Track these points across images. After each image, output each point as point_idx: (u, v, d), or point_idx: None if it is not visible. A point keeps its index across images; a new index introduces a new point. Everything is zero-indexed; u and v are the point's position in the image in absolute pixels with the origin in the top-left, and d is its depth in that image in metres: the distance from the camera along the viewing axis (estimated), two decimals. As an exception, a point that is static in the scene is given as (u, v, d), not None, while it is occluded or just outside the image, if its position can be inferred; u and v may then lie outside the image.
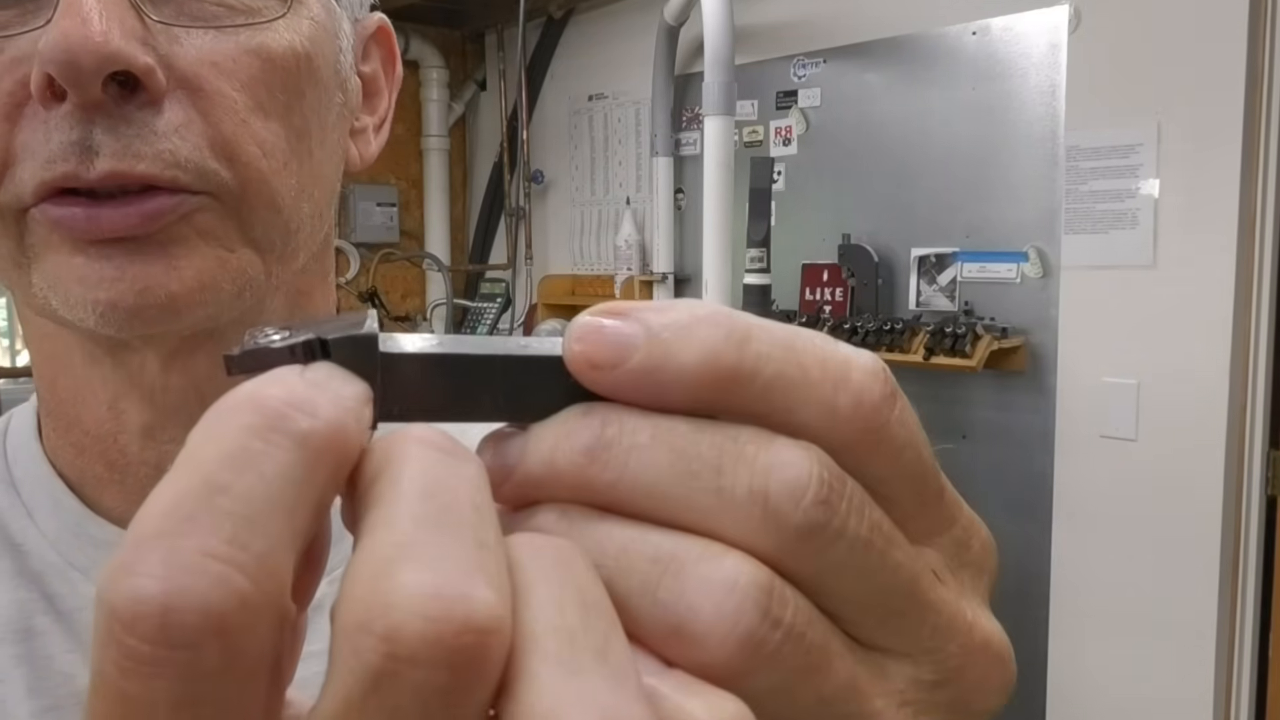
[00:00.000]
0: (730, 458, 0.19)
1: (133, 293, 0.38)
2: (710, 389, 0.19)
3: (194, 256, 0.39)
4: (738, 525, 0.19)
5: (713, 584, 0.18)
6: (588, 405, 0.20)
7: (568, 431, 0.20)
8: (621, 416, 0.20)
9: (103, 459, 0.46)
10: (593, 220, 3.65)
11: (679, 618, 0.19)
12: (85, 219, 0.38)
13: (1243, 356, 2.20)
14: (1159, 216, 2.26)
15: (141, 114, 0.38)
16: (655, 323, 0.20)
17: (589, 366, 0.20)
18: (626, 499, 0.19)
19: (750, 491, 0.19)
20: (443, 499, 0.17)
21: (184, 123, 0.38)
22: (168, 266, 0.39)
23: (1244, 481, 2.22)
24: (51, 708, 0.43)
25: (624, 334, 0.19)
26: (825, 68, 2.87)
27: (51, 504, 0.46)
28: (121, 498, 0.46)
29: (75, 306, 0.39)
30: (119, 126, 0.37)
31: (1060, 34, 2.39)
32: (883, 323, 2.59)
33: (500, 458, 0.20)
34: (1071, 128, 2.37)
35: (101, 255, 0.38)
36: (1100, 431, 2.36)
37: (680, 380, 0.19)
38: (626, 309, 0.20)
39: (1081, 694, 2.44)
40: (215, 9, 0.40)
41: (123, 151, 0.37)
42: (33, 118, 0.38)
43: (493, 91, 4.01)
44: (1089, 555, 2.41)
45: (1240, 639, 2.25)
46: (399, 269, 4.05)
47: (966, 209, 2.59)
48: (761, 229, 2.48)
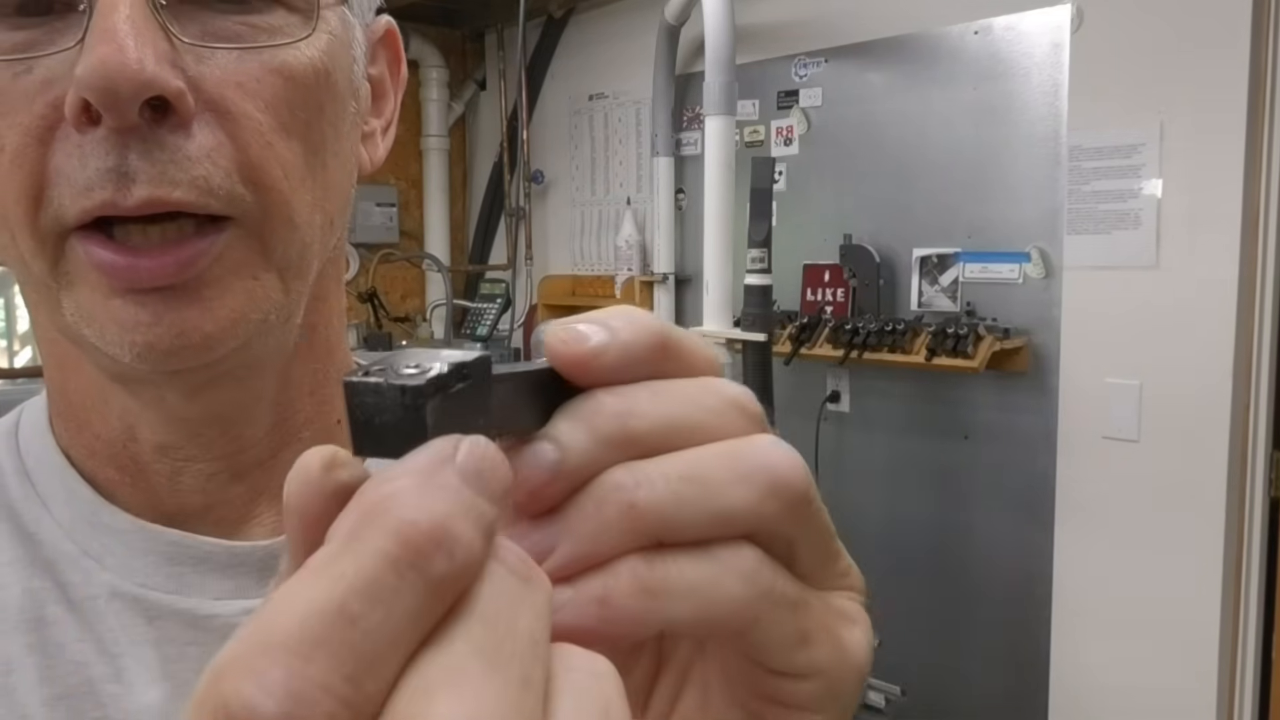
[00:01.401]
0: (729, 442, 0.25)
1: (170, 336, 0.39)
2: (658, 358, 0.25)
3: (225, 295, 0.40)
4: (746, 500, 0.24)
5: (741, 563, 0.24)
6: (582, 395, 0.24)
7: (593, 410, 0.24)
8: (618, 390, 0.24)
9: (113, 463, 0.46)
10: (593, 220, 3.64)
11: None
12: (126, 269, 0.38)
13: (1246, 357, 2.19)
14: (1162, 217, 2.25)
15: (173, 138, 0.38)
16: (609, 321, 0.24)
17: (578, 364, 0.24)
18: (661, 441, 0.24)
19: (761, 467, 0.24)
20: (504, 628, 0.19)
21: (214, 146, 0.39)
22: (203, 310, 0.40)
23: (1247, 482, 2.22)
24: (62, 695, 0.43)
25: (596, 334, 0.24)
26: (827, 67, 2.86)
27: (65, 494, 0.46)
28: (134, 498, 0.46)
29: (111, 344, 0.39)
30: (153, 151, 0.38)
31: (1063, 33, 2.38)
32: (884, 323, 2.58)
33: (539, 459, 0.23)
34: (1074, 127, 2.37)
35: (137, 302, 0.39)
36: (1103, 432, 2.35)
37: (639, 356, 0.24)
38: (580, 320, 0.24)
39: (1084, 695, 2.44)
40: (239, 27, 0.40)
41: (159, 178, 0.38)
42: (66, 140, 0.38)
43: (493, 91, 4.00)
44: (1091, 556, 2.40)
45: (1243, 640, 2.24)
46: (398, 269, 4.04)
47: (968, 209, 2.58)
48: (763, 229, 2.47)
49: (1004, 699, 2.61)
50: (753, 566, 0.24)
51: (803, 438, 2.83)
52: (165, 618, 0.44)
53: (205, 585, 0.45)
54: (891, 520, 2.80)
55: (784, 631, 0.25)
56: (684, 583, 0.23)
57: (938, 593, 2.71)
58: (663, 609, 0.23)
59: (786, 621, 0.25)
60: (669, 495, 0.23)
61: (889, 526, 2.80)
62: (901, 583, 2.73)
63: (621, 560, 0.23)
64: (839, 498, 2.88)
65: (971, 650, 2.66)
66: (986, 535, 2.61)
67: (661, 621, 0.23)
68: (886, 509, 2.81)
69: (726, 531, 0.24)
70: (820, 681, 0.26)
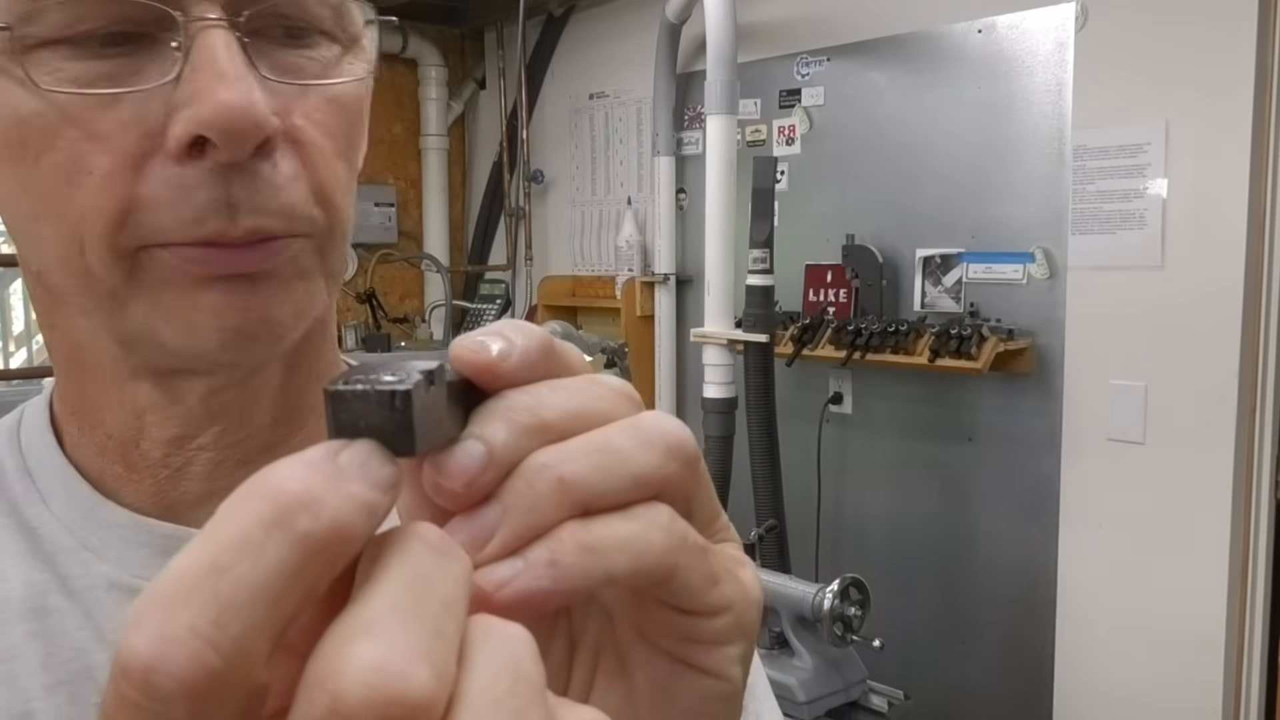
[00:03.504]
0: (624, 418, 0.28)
1: (256, 322, 0.43)
2: (547, 361, 0.28)
3: (294, 290, 0.44)
4: (650, 461, 0.27)
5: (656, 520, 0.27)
6: (494, 396, 0.27)
7: (507, 406, 0.27)
8: (524, 388, 0.27)
9: (123, 460, 0.48)
10: (593, 220, 3.63)
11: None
12: (220, 255, 0.42)
13: (1252, 359, 2.17)
14: (1167, 217, 2.24)
15: (263, 168, 0.41)
16: (504, 332, 0.28)
17: (487, 370, 0.27)
18: (569, 426, 0.27)
19: (660, 434, 0.28)
20: (419, 590, 0.22)
21: (293, 175, 0.43)
22: (280, 299, 0.44)
23: (1253, 485, 2.20)
24: (64, 681, 0.45)
25: (496, 343, 0.27)
26: (829, 66, 2.84)
27: (65, 491, 0.49)
28: (138, 495, 0.48)
29: (198, 333, 0.43)
30: (251, 182, 0.41)
31: (1067, 31, 2.36)
32: (887, 324, 2.56)
33: (469, 454, 0.26)
34: (1078, 127, 2.35)
35: (228, 289, 0.42)
36: (1107, 434, 2.34)
37: (533, 360, 0.27)
38: (480, 333, 0.27)
39: (1088, 698, 2.42)
40: (300, 60, 0.43)
41: (259, 208, 0.41)
42: (161, 169, 0.41)
43: (492, 90, 3.99)
44: (1096, 559, 2.39)
45: (1249, 643, 2.23)
46: (397, 270, 4.03)
47: (972, 209, 2.56)
48: (764, 229, 2.45)
49: (1008, 703, 2.59)
50: (668, 520, 0.27)
51: (805, 440, 2.82)
52: None
53: None
54: (894, 523, 2.78)
55: (699, 574, 0.28)
56: (617, 539, 0.26)
57: (941, 596, 2.70)
58: (604, 563, 0.26)
59: (700, 565, 0.28)
60: (590, 467, 0.26)
61: (892, 529, 2.79)
62: (905, 586, 2.71)
63: (561, 527, 0.26)
64: (841, 500, 2.87)
65: (975, 654, 2.64)
66: (990, 538, 2.60)
67: (604, 575, 0.26)
68: (889, 511, 2.79)
69: (642, 493, 0.27)
70: (731, 616, 0.30)
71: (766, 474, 2.54)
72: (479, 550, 0.25)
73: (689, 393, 3.23)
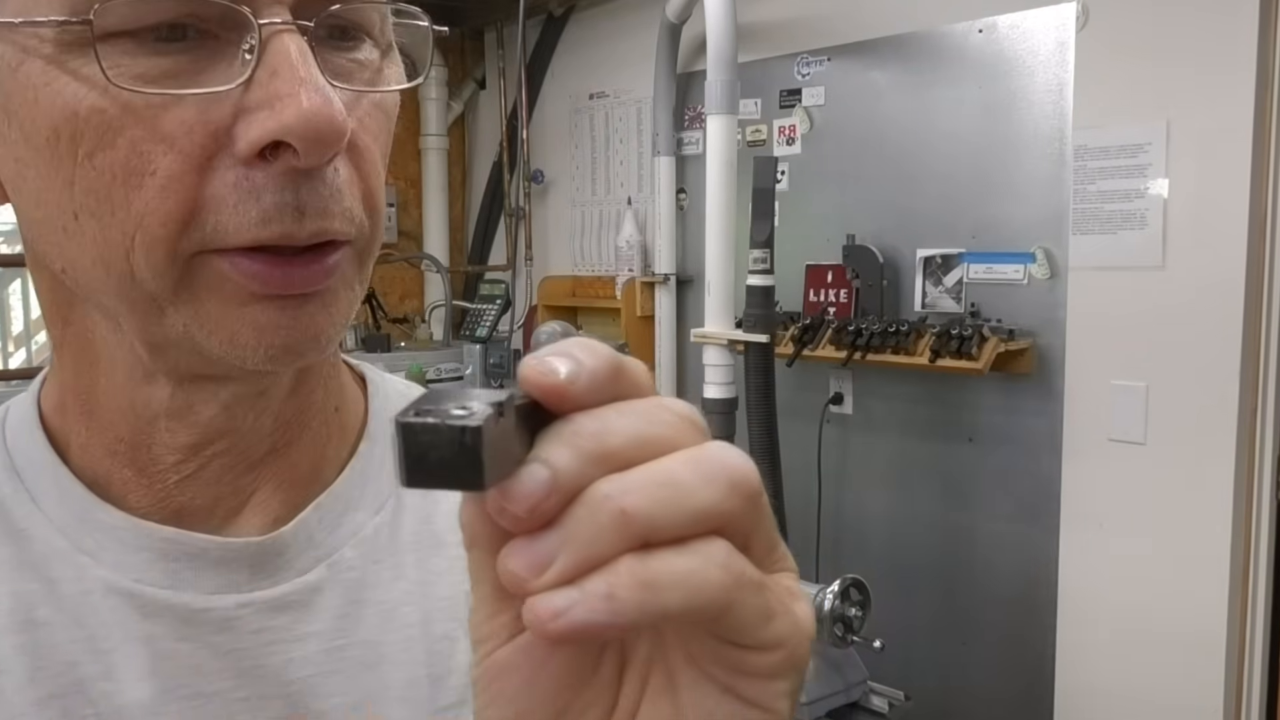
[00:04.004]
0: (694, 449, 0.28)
1: (303, 338, 0.43)
2: (616, 382, 0.28)
3: (339, 301, 0.44)
4: (713, 497, 0.28)
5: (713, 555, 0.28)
6: (561, 419, 0.27)
7: (573, 431, 0.27)
8: (591, 413, 0.27)
9: (132, 464, 0.47)
10: (594, 220, 3.62)
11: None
12: (282, 277, 0.41)
13: (1253, 359, 2.17)
14: (1168, 217, 2.23)
15: (327, 172, 0.41)
16: (573, 352, 0.28)
17: (556, 393, 0.27)
18: (634, 453, 0.27)
19: (722, 468, 0.28)
20: None
21: (349, 180, 0.42)
22: (326, 313, 0.43)
23: (1254, 486, 2.20)
24: (55, 695, 0.44)
25: (565, 365, 0.27)
26: (830, 66, 2.84)
27: (57, 491, 0.47)
28: (145, 499, 0.47)
29: (242, 349, 0.42)
30: (319, 188, 0.41)
31: (1068, 31, 2.36)
32: (888, 324, 2.56)
33: (535, 479, 0.26)
34: (1079, 126, 2.35)
35: (278, 307, 0.42)
36: (1108, 435, 2.34)
37: (602, 382, 0.28)
38: (548, 355, 0.28)
39: (1089, 699, 2.42)
40: (349, 64, 0.43)
41: (323, 211, 0.41)
42: (228, 170, 0.40)
43: (492, 90, 3.98)
44: (1097, 560, 2.38)
45: (1250, 645, 2.22)
46: (397, 270, 4.02)
47: (973, 209, 2.56)
48: (765, 229, 2.45)
49: (1009, 704, 2.59)
50: (726, 557, 0.27)
51: (805, 440, 2.81)
52: (159, 613, 0.45)
53: (199, 580, 0.46)
54: (895, 524, 2.78)
55: (753, 611, 0.28)
56: (674, 575, 0.26)
57: (942, 597, 2.69)
58: (660, 600, 0.26)
59: (755, 601, 0.28)
60: (652, 500, 0.26)
61: (892, 530, 2.78)
62: (905, 587, 2.71)
63: (619, 560, 0.26)
64: (842, 501, 2.86)
65: (976, 655, 2.64)
66: (991, 539, 2.59)
67: (659, 611, 0.26)
68: (890, 512, 2.79)
69: (701, 528, 0.27)
70: (783, 652, 0.29)
71: (767, 475, 2.52)
72: (537, 576, 0.26)
73: (689, 393, 3.23)
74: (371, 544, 0.50)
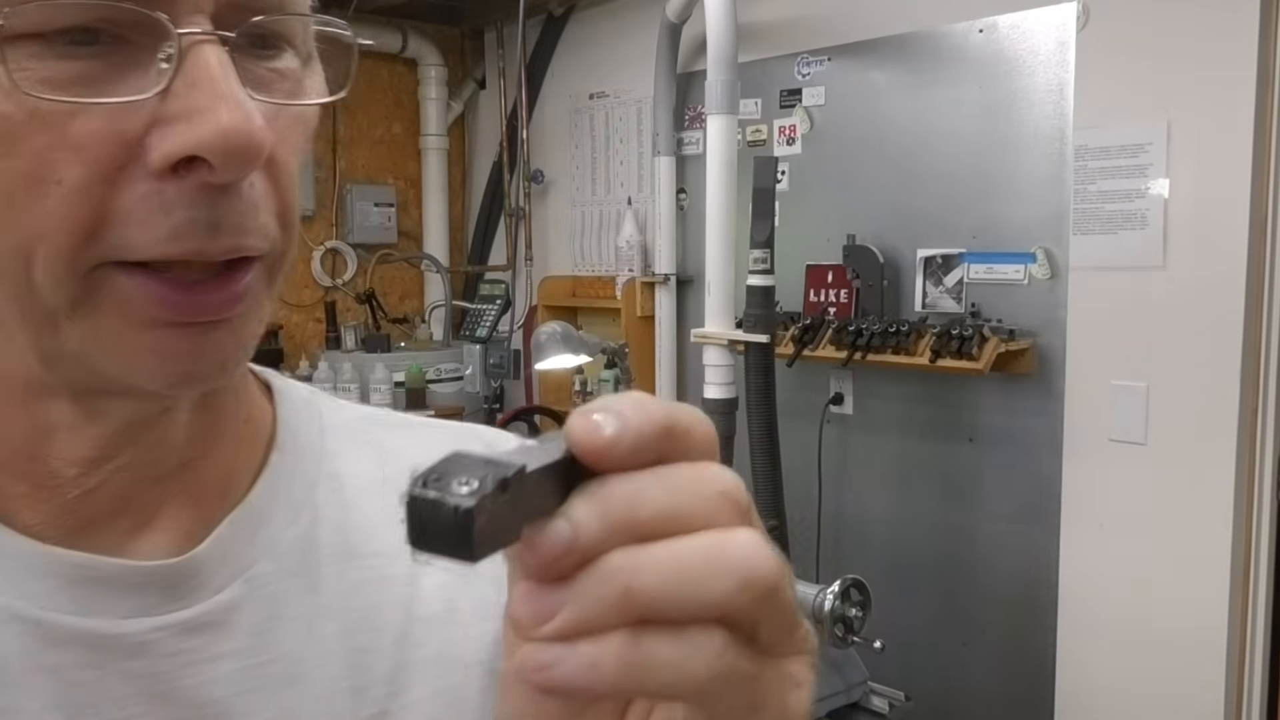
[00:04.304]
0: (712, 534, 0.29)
1: (210, 365, 0.41)
2: (664, 443, 0.29)
3: (248, 323, 0.43)
4: (721, 582, 0.28)
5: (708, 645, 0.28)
6: (598, 480, 0.28)
7: (605, 496, 0.28)
8: (629, 478, 0.28)
9: (24, 478, 0.44)
10: (594, 220, 3.62)
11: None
12: (190, 304, 0.40)
13: (1254, 359, 2.17)
14: (1169, 217, 2.23)
15: (241, 187, 0.40)
16: (623, 411, 0.28)
17: (597, 453, 0.28)
18: (660, 527, 0.28)
19: (740, 563, 0.28)
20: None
21: (265, 194, 0.41)
22: (233, 337, 0.42)
23: (1255, 486, 2.20)
24: None
25: (610, 424, 0.28)
26: (830, 66, 2.84)
27: None
28: (41, 515, 0.44)
29: (141, 373, 0.40)
30: (235, 204, 0.39)
31: (1068, 31, 2.36)
32: (888, 325, 2.56)
33: (556, 536, 0.27)
34: (1080, 126, 2.35)
35: (182, 335, 0.40)
36: (1109, 435, 2.33)
37: (648, 444, 0.28)
38: (597, 408, 0.28)
39: (1090, 700, 2.42)
40: (268, 74, 0.41)
41: (239, 228, 0.40)
42: (138, 183, 0.38)
43: (492, 90, 3.98)
44: (1097, 560, 2.38)
45: (1251, 646, 2.22)
46: (397, 270, 4.02)
47: (973, 209, 2.56)
48: (765, 229, 2.44)
49: (1009, 705, 2.58)
50: (719, 650, 0.28)
51: (806, 440, 2.81)
52: (65, 641, 0.43)
53: (110, 605, 0.44)
54: (895, 524, 2.77)
55: (738, 702, 0.29)
56: (659, 661, 0.27)
57: (942, 597, 2.69)
58: (639, 679, 0.27)
59: (741, 693, 0.29)
60: (660, 584, 0.27)
61: (893, 530, 2.78)
62: (905, 587, 2.71)
63: (613, 633, 0.27)
64: (842, 501, 2.86)
65: (976, 655, 2.64)
66: (991, 539, 2.59)
67: (636, 688, 0.28)
68: (890, 512, 2.79)
69: (703, 616, 0.28)
70: None
71: (767, 475, 2.53)
72: (537, 625, 0.27)
73: (689, 393, 3.22)
74: (287, 557, 0.49)
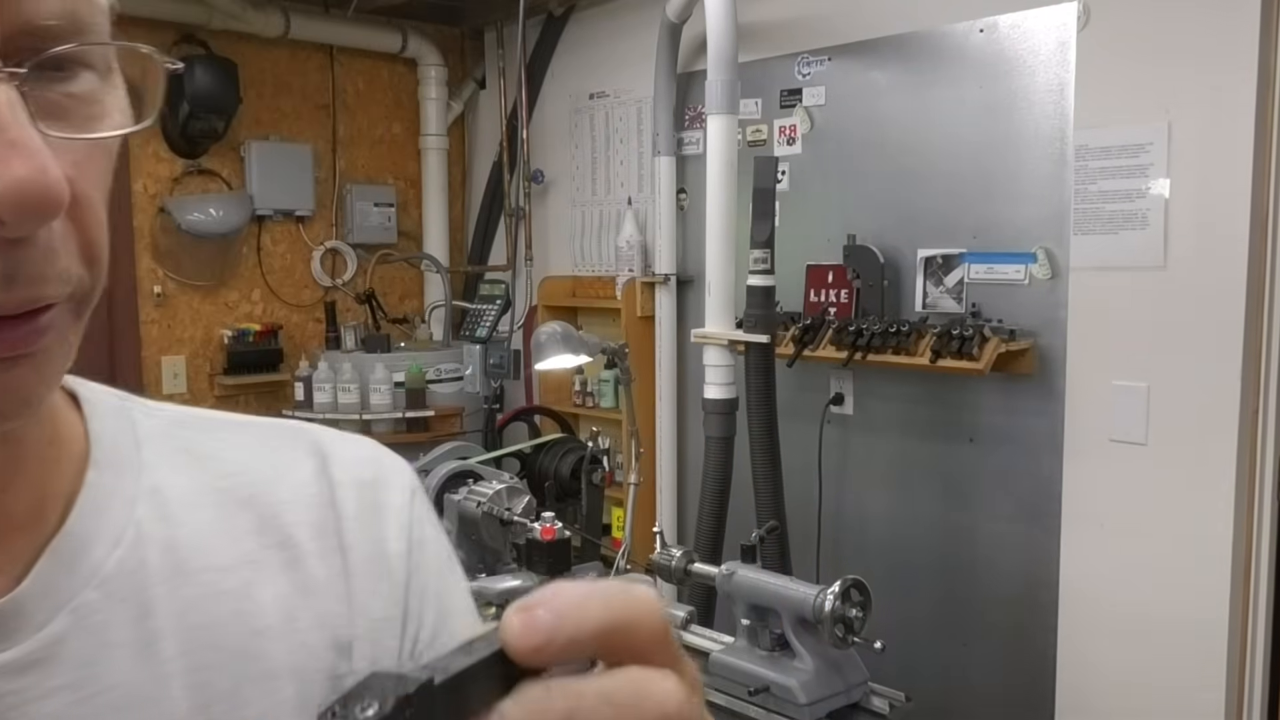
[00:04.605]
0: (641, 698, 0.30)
1: (14, 402, 0.39)
2: (603, 646, 0.30)
3: (54, 359, 0.40)
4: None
5: None
6: (536, 684, 0.29)
7: (541, 709, 0.29)
8: (568, 689, 0.29)
9: None
10: (594, 220, 3.62)
11: None
12: None
13: (1254, 359, 2.16)
14: (1169, 217, 2.23)
15: (37, 236, 0.37)
16: (564, 609, 0.29)
17: (529, 654, 0.29)
18: None
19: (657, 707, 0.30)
20: None
21: (66, 235, 0.38)
22: (36, 374, 0.40)
23: (1256, 486, 2.19)
24: None
25: (546, 621, 0.29)
26: (830, 65, 2.84)
27: None
28: None
29: None
30: (29, 253, 0.37)
31: (1069, 31, 2.35)
32: (888, 325, 2.55)
33: None
34: (1080, 126, 2.34)
35: None
36: (1110, 435, 2.33)
37: (584, 647, 0.30)
38: (540, 603, 0.29)
39: (1091, 700, 2.41)
40: (62, 100, 0.38)
41: (35, 278, 0.37)
42: None
43: (492, 90, 3.98)
44: (1098, 561, 2.38)
45: (1252, 646, 2.22)
46: (397, 270, 4.02)
47: (974, 209, 2.55)
48: (765, 229, 2.44)
49: (1010, 705, 2.58)
50: None
51: (806, 440, 2.81)
52: None
53: None
54: (896, 524, 2.77)
55: None
56: None
57: (943, 597, 2.69)
58: None
59: None
60: None
61: (893, 530, 2.78)
62: (906, 587, 2.70)
63: None
64: (842, 501, 2.86)
65: (977, 655, 2.64)
66: (992, 539, 2.59)
67: None
68: (890, 513, 2.78)
69: None
70: None
71: (767, 475, 2.53)
72: None
73: (689, 393, 3.22)
74: (114, 583, 0.46)
